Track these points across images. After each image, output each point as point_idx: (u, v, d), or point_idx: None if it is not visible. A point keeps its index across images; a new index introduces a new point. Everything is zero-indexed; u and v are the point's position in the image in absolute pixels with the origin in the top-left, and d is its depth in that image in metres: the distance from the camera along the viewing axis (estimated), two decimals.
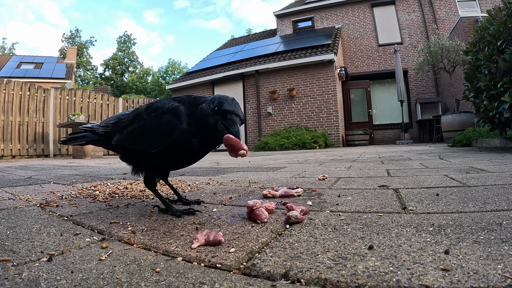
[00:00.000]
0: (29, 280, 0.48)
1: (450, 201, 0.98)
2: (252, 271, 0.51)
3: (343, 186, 1.40)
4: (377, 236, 0.66)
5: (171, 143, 0.85)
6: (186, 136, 0.85)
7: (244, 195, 1.27)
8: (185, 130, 0.85)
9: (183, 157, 0.93)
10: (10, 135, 7.53)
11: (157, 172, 0.99)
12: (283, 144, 8.66)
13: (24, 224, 0.86)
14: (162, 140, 0.85)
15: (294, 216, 0.79)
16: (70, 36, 37.07)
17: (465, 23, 8.39)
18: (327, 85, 9.60)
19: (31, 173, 2.71)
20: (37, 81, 15.21)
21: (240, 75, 10.69)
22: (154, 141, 0.86)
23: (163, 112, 0.87)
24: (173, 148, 0.87)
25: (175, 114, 0.86)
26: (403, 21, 12.72)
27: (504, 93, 3.33)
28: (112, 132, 0.96)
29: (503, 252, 0.53)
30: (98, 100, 9.31)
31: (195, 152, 0.93)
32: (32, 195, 1.41)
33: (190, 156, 0.94)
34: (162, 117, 0.86)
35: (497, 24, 3.50)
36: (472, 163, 2.27)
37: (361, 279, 0.46)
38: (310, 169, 2.39)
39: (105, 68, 38.66)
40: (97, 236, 0.74)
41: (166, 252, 0.62)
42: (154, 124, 0.87)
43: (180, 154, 0.90)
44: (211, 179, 1.89)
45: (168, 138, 0.85)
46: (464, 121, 6.84)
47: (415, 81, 12.23)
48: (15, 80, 7.84)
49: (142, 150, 0.89)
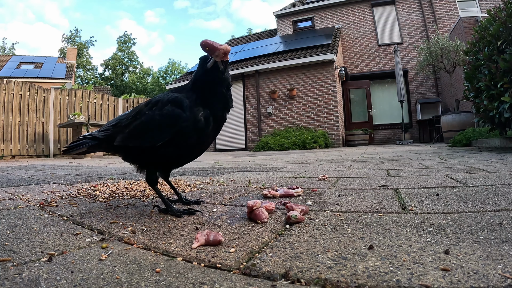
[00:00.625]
0: (29, 280, 0.48)
1: (450, 201, 0.98)
2: (252, 271, 0.51)
3: (343, 186, 1.40)
4: (377, 236, 0.66)
5: (176, 132, 0.86)
6: (191, 121, 0.87)
7: (244, 195, 1.27)
8: (188, 116, 0.87)
9: (191, 147, 0.94)
10: (10, 135, 7.53)
11: (162, 168, 1.00)
12: (283, 144, 8.66)
13: (24, 224, 0.86)
14: (167, 130, 0.86)
15: (294, 216, 0.79)
16: (70, 36, 37.11)
17: (465, 23, 8.39)
18: (327, 85, 9.59)
19: (31, 173, 2.71)
20: (37, 81, 15.21)
21: (240, 75, 10.69)
22: (159, 133, 0.87)
23: (164, 104, 0.89)
24: (179, 138, 0.88)
25: (176, 103, 0.88)
26: (403, 21, 12.71)
27: (504, 93, 3.33)
28: (114, 133, 0.96)
29: (503, 252, 0.53)
30: (98, 100, 9.31)
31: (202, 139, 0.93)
32: (32, 195, 1.41)
33: (197, 145, 0.94)
34: (163, 109, 0.88)
35: (497, 24, 3.50)
36: (472, 163, 2.27)
37: (361, 279, 0.46)
38: (310, 169, 2.39)
39: (105, 68, 38.70)
40: (97, 236, 0.74)
41: (166, 252, 0.62)
42: (157, 116, 0.88)
43: (187, 143, 0.91)
44: (211, 179, 1.89)
45: (173, 128, 0.86)
46: (464, 121, 6.83)
47: (415, 81, 12.23)
48: (15, 80, 7.84)
49: (148, 145, 0.89)
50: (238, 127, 10.72)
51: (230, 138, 10.82)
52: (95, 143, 1.02)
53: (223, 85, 0.93)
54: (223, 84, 0.93)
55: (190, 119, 0.87)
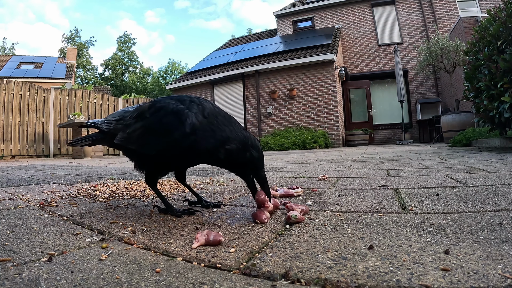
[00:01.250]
0: (29, 280, 0.48)
1: (450, 201, 0.98)
2: (252, 271, 0.51)
3: (343, 186, 1.40)
4: (377, 236, 0.66)
5: (171, 145, 0.82)
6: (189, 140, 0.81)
7: (244, 195, 1.27)
8: (188, 134, 0.80)
9: (186, 159, 0.90)
10: (10, 135, 7.52)
11: (160, 172, 0.98)
12: (283, 144, 8.66)
13: (24, 224, 0.86)
14: (163, 140, 0.82)
15: (294, 216, 0.79)
16: (70, 36, 37.12)
17: (465, 23, 8.39)
18: (327, 85, 9.60)
19: (31, 173, 2.71)
20: (37, 81, 15.21)
21: (240, 75, 10.69)
22: (155, 142, 0.83)
23: (167, 113, 0.83)
24: (174, 151, 0.84)
25: (179, 115, 0.81)
26: (403, 21, 12.72)
27: (504, 93, 3.33)
28: (115, 129, 0.93)
29: (503, 252, 0.53)
30: (98, 100, 9.31)
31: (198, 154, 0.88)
32: (32, 195, 1.41)
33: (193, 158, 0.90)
34: (164, 118, 0.83)
35: (497, 24, 3.50)
36: (472, 163, 2.27)
37: (361, 279, 0.46)
38: (310, 169, 2.39)
39: (105, 68, 38.70)
40: (97, 236, 0.74)
41: (166, 252, 0.62)
42: (156, 124, 0.83)
43: (181, 156, 0.87)
44: (211, 179, 1.89)
45: (169, 138, 0.81)
46: (464, 121, 6.84)
47: (415, 81, 12.23)
48: (15, 80, 7.84)
49: (143, 152, 0.87)
50: None
51: None
52: (99, 137, 1.02)
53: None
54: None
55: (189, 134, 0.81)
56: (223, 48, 15.91)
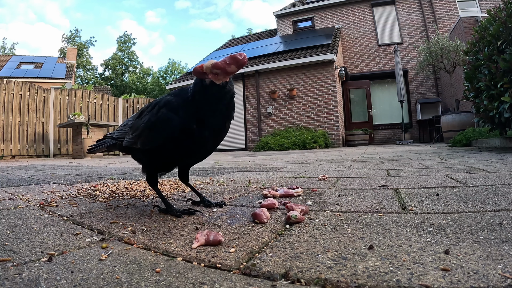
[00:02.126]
0: (29, 280, 0.48)
1: (450, 201, 0.98)
2: (252, 271, 0.51)
3: (343, 186, 1.40)
4: (377, 236, 0.66)
5: (168, 137, 0.85)
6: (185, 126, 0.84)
7: (244, 195, 1.27)
8: (181, 121, 0.84)
9: (187, 151, 0.91)
10: (10, 135, 7.53)
11: (162, 168, 1.00)
12: (283, 144, 8.66)
13: (24, 224, 0.86)
14: (160, 134, 0.85)
15: (294, 216, 0.79)
16: (70, 36, 37.11)
17: (465, 23, 8.39)
18: (327, 85, 9.59)
19: (31, 173, 2.71)
20: (37, 81, 15.21)
21: (240, 75, 10.69)
22: (154, 136, 0.87)
23: (160, 107, 0.88)
24: (173, 143, 0.87)
25: (170, 106, 0.86)
26: (403, 21, 12.72)
27: (504, 93, 3.33)
28: (122, 134, 1.02)
29: (503, 252, 0.53)
30: (98, 100, 9.31)
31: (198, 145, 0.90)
32: (32, 195, 1.41)
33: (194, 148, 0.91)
34: (158, 112, 0.87)
35: (497, 24, 3.50)
36: (472, 163, 2.27)
37: (361, 279, 0.46)
38: (310, 169, 2.39)
39: (105, 68, 38.69)
40: (97, 236, 0.74)
41: (166, 252, 0.62)
42: (152, 119, 0.88)
43: (182, 148, 0.89)
44: (211, 179, 1.89)
45: (165, 132, 0.84)
46: (464, 121, 6.84)
47: (415, 81, 12.23)
48: (15, 80, 7.84)
49: (145, 147, 0.91)
50: (238, 127, 10.72)
51: (230, 138, 10.81)
52: (113, 142, 1.09)
53: (225, 99, 0.86)
54: (224, 97, 0.85)
55: (183, 125, 0.84)
56: (223, 48, 15.91)
